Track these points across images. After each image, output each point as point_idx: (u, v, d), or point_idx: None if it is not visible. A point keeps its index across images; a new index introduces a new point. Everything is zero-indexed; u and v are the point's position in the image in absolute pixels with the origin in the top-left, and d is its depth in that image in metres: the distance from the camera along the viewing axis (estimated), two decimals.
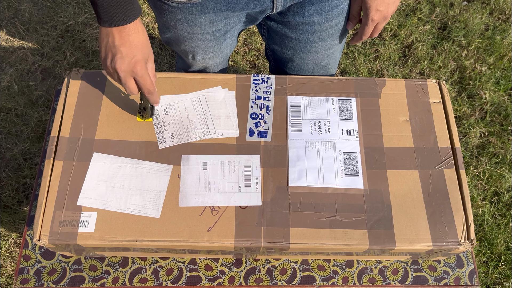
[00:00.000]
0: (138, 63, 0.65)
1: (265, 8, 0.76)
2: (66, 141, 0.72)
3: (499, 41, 1.66)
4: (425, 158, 0.73)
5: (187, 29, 0.78)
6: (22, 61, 1.57)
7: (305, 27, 0.80)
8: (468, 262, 0.80)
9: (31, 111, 1.48)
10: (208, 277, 0.77)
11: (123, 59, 0.64)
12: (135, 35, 0.64)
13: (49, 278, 0.76)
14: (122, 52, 0.63)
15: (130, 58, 0.64)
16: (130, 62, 0.64)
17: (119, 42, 0.63)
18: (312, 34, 0.82)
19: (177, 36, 0.82)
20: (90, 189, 0.69)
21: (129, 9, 0.61)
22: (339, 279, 0.78)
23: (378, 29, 0.80)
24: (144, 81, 0.66)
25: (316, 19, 0.79)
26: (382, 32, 1.68)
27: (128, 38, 0.63)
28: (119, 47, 0.63)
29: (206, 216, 0.68)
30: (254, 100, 0.77)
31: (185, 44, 0.83)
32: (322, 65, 0.91)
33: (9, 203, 1.35)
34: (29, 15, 1.65)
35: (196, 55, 0.86)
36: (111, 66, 0.65)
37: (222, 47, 0.86)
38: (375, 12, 0.75)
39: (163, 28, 0.83)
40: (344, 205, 0.69)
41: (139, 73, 0.65)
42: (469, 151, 1.48)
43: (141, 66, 0.65)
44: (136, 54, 0.64)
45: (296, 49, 0.86)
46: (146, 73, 0.66)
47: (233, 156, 0.72)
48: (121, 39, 0.63)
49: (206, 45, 0.83)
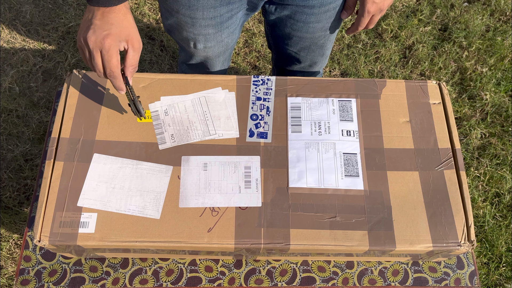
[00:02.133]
0: (108, 36, 0.62)
1: None
2: (66, 143, 0.72)
3: (499, 42, 1.66)
4: (425, 159, 0.73)
5: (189, 13, 0.79)
6: (23, 62, 1.57)
7: (304, 9, 0.82)
8: (468, 263, 0.80)
9: (32, 113, 1.48)
10: (208, 278, 0.77)
11: (95, 31, 0.62)
12: (116, 15, 0.63)
13: (49, 279, 0.76)
14: (96, 25, 0.62)
15: (102, 30, 0.62)
16: (100, 34, 0.62)
17: (97, 18, 0.62)
18: (310, 16, 0.84)
19: (179, 21, 0.82)
20: (90, 190, 0.69)
21: None
22: (339, 280, 0.78)
23: (374, 20, 0.81)
24: (108, 57, 0.62)
25: (315, 3, 0.80)
26: (382, 33, 1.69)
27: (108, 15, 0.62)
28: (95, 21, 0.62)
29: (206, 217, 0.68)
30: (254, 102, 0.77)
31: (187, 30, 0.83)
32: (319, 45, 0.93)
33: (10, 204, 1.35)
34: (30, 17, 1.66)
35: (197, 42, 0.86)
36: (82, 37, 0.63)
37: (223, 35, 0.86)
38: (371, 4, 0.76)
39: (165, 13, 0.84)
40: (344, 206, 0.69)
41: (106, 47, 0.62)
42: (470, 152, 1.48)
43: (111, 40, 0.62)
44: (110, 29, 0.62)
45: (293, 28, 0.88)
46: (114, 51, 0.62)
47: (233, 157, 0.72)
48: (101, 14, 0.62)
49: (208, 31, 0.83)
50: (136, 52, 0.65)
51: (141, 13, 1.70)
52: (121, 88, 0.67)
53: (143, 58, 1.61)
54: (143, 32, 1.66)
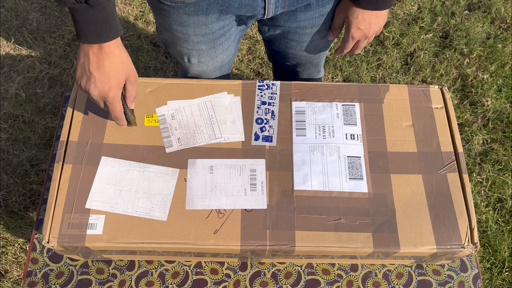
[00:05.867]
0: (110, 90, 0.66)
1: (256, 14, 0.78)
2: (75, 146, 0.73)
3: (500, 49, 1.68)
4: (428, 162, 0.74)
5: (181, 29, 0.80)
6: (29, 69, 1.59)
7: (296, 30, 0.84)
8: (472, 266, 0.80)
9: (38, 119, 1.50)
10: (213, 280, 0.78)
11: (96, 86, 0.65)
12: (111, 60, 0.64)
13: (56, 281, 0.77)
14: (96, 78, 0.64)
15: (103, 84, 0.65)
16: (102, 89, 0.65)
17: (94, 68, 0.64)
18: (303, 36, 0.85)
19: (173, 36, 0.83)
20: (98, 192, 0.70)
21: (104, 29, 0.62)
22: (343, 282, 0.78)
23: (360, 46, 0.82)
24: (113, 107, 0.68)
25: (307, 24, 0.82)
26: (384, 40, 1.70)
27: (103, 63, 0.64)
28: (93, 72, 0.64)
29: (212, 219, 0.69)
30: (259, 106, 0.78)
31: (180, 45, 0.85)
32: (315, 63, 0.96)
33: (15, 208, 1.36)
34: (36, 24, 1.68)
35: (191, 57, 0.88)
36: (85, 89, 0.66)
37: (217, 51, 0.87)
38: (355, 29, 0.77)
39: (160, 28, 0.85)
40: (348, 208, 0.70)
41: (109, 100, 0.67)
42: (472, 157, 1.48)
43: (113, 93, 0.66)
44: (110, 81, 0.65)
45: (288, 46, 0.90)
46: (116, 100, 0.67)
47: (239, 160, 0.73)
48: (97, 63, 0.64)
49: (201, 47, 0.85)
50: (133, 85, 0.69)
51: (146, 20, 1.73)
52: (124, 124, 0.73)
53: (148, 65, 1.63)
54: (148, 39, 1.68)
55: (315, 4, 0.77)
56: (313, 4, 0.77)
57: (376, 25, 0.77)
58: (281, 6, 0.76)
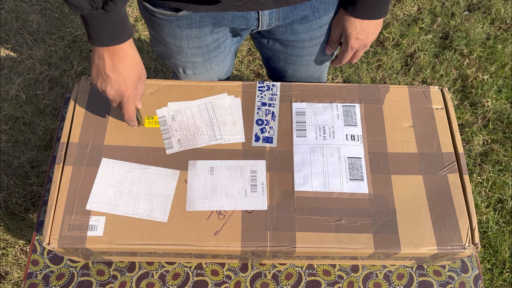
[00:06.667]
0: (127, 90, 0.67)
1: (250, 25, 0.77)
2: (75, 147, 0.73)
3: (500, 50, 1.68)
4: (429, 163, 0.74)
5: (174, 42, 0.80)
6: (30, 70, 1.59)
7: (295, 43, 0.83)
8: (473, 267, 0.80)
9: (39, 120, 1.50)
10: (214, 281, 0.78)
11: (112, 87, 0.66)
12: (126, 62, 0.65)
13: (57, 283, 0.77)
14: (112, 79, 0.65)
15: (119, 85, 0.66)
16: (119, 89, 0.66)
17: (110, 69, 0.65)
18: (302, 49, 0.84)
19: (167, 49, 0.83)
20: (99, 194, 0.70)
21: (119, 32, 0.63)
22: (344, 283, 0.78)
23: (358, 55, 0.82)
24: (128, 108, 0.69)
25: (305, 37, 0.81)
26: (384, 41, 1.71)
27: (119, 65, 0.65)
28: (109, 73, 0.65)
29: (213, 220, 0.69)
30: (259, 107, 0.78)
31: (175, 57, 0.85)
32: (315, 77, 0.95)
33: (16, 210, 1.36)
34: (37, 26, 1.68)
35: (186, 69, 0.88)
36: (101, 89, 0.67)
37: (212, 63, 0.87)
38: (355, 40, 0.77)
39: (154, 40, 0.85)
40: (349, 209, 0.70)
41: (125, 99, 0.68)
42: (472, 158, 1.48)
43: (129, 93, 0.67)
44: (126, 81, 0.66)
45: (287, 61, 0.89)
46: (131, 101, 0.69)
47: (239, 161, 0.73)
48: (112, 65, 0.65)
49: (195, 59, 0.85)
50: (143, 83, 0.71)
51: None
52: (135, 125, 0.74)
53: (148, 67, 1.63)
54: (148, 41, 1.69)
55: (311, 16, 0.77)
56: (310, 16, 0.76)
57: (374, 33, 0.77)
58: (275, 18, 0.76)
